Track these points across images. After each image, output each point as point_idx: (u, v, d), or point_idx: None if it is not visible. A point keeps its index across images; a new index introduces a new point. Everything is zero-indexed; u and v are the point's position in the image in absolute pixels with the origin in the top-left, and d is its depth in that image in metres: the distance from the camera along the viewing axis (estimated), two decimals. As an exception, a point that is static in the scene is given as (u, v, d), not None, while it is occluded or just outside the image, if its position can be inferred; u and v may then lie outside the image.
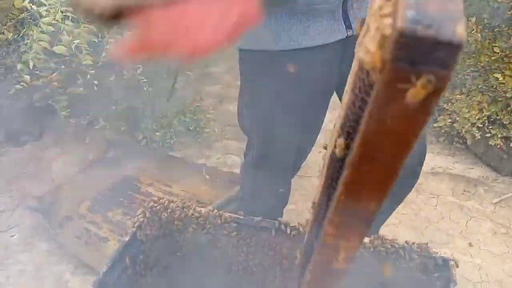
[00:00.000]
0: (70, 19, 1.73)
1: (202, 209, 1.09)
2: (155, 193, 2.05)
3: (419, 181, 2.12)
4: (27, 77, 1.84)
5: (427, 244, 0.99)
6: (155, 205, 1.08)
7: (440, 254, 0.96)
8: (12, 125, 2.35)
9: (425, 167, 2.22)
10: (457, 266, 0.94)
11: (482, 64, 2.19)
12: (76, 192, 2.05)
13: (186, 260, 1.15)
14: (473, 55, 2.25)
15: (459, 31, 0.25)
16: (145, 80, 1.94)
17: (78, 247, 1.76)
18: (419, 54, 0.25)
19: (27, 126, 2.34)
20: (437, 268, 0.94)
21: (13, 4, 1.78)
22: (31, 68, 1.74)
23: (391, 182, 0.35)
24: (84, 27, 1.75)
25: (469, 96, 2.24)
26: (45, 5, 1.69)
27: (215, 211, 1.08)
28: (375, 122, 0.30)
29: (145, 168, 2.22)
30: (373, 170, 0.34)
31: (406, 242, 0.94)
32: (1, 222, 1.91)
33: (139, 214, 1.05)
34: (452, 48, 0.25)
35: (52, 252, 1.77)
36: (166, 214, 1.07)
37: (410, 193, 2.05)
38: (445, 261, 0.95)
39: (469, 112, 2.14)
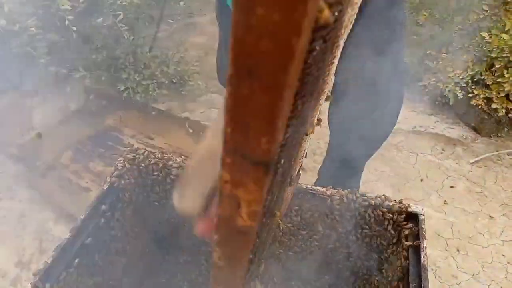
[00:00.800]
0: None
1: (180, 158, 1.10)
2: (137, 145, 2.05)
3: (399, 138, 2.17)
4: (3, 22, 1.77)
5: (400, 200, 1.01)
6: (135, 155, 1.08)
7: (411, 209, 0.99)
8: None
9: (407, 126, 2.26)
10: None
11: (470, 22, 2.17)
12: (57, 142, 2.04)
13: (164, 210, 1.16)
14: (462, 13, 2.23)
15: None
16: (125, 27, 1.88)
17: (60, 196, 1.77)
18: None
19: (5, 73, 2.28)
20: (407, 222, 0.97)
21: None
22: (6, 12, 1.67)
23: (280, 108, 0.27)
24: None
25: (455, 55, 2.23)
26: None
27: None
28: (242, 13, 0.21)
29: (127, 120, 2.20)
30: (254, 89, 0.26)
31: (379, 196, 0.96)
32: (-19, 170, 1.90)
33: (118, 163, 1.05)
34: None
35: (34, 200, 1.78)
36: (144, 165, 1.07)
37: (390, 151, 2.09)
38: (416, 215, 0.98)
39: (453, 71, 2.14)
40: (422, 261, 0.91)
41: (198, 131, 2.14)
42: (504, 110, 2.06)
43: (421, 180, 1.95)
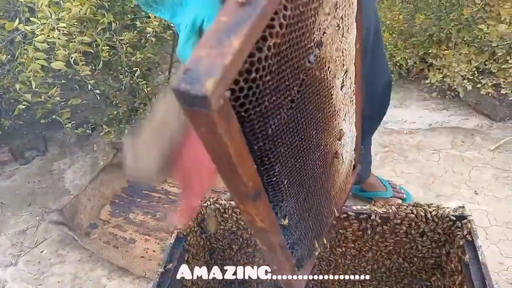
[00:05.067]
0: (62, 32, 1.74)
1: (221, 201, 1.16)
2: (170, 189, 2.12)
3: (418, 138, 2.23)
4: (28, 96, 1.86)
5: (443, 207, 1.07)
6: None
7: (457, 212, 1.05)
8: (14, 143, 2.37)
9: (423, 125, 2.32)
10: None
11: (465, 17, 2.25)
12: (94, 199, 2.11)
13: (219, 252, 1.23)
14: (455, 8, 2.31)
15: (207, 86, 0.34)
16: (143, 82, 1.97)
17: (108, 252, 1.84)
18: (189, 100, 0.36)
19: (30, 141, 2.37)
20: (457, 226, 1.03)
21: (4, 26, 1.78)
22: (34, 88, 1.76)
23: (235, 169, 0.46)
24: (78, 38, 1.76)
25: (456, 49, 2.31)
26: (36, 23, 1.70)
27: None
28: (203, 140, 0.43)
29: (156, 166, 2.28)
30: (223, 165, 0.46)
31: (422, 207, 1.02)
32: (27, 240, 1.97)
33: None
34: (200, 98, 0.35)
35: (84, 260, 1.84)
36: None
37: (412, 152, 2.15)
38: (463, 217, 1.03)
39: (458, 65, 2.21)
40: (480, 259, 0.96)
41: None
42: (514, 94, 2.13)
43: (448, 174, 2.01)
